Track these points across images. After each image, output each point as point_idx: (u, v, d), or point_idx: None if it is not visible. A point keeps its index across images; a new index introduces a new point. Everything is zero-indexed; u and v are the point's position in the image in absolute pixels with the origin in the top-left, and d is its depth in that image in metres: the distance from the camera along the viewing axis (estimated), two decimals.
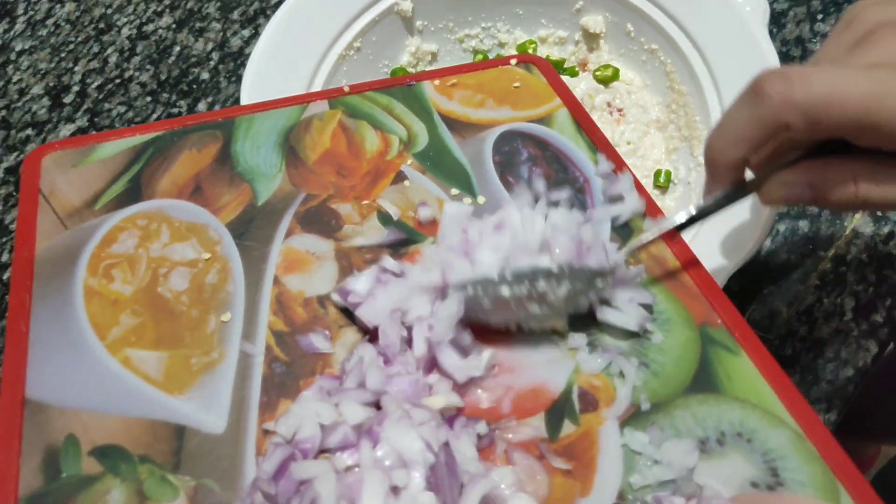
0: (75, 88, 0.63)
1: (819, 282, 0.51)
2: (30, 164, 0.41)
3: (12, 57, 0.65)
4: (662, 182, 0.55)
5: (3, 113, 0.63)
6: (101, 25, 0.65)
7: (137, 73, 0.63)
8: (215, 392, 0.33)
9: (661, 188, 0.55)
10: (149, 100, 0.61)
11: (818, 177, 0.34)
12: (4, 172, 0.60)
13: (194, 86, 0.61)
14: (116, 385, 0.33)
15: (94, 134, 0.50)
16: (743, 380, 0.34)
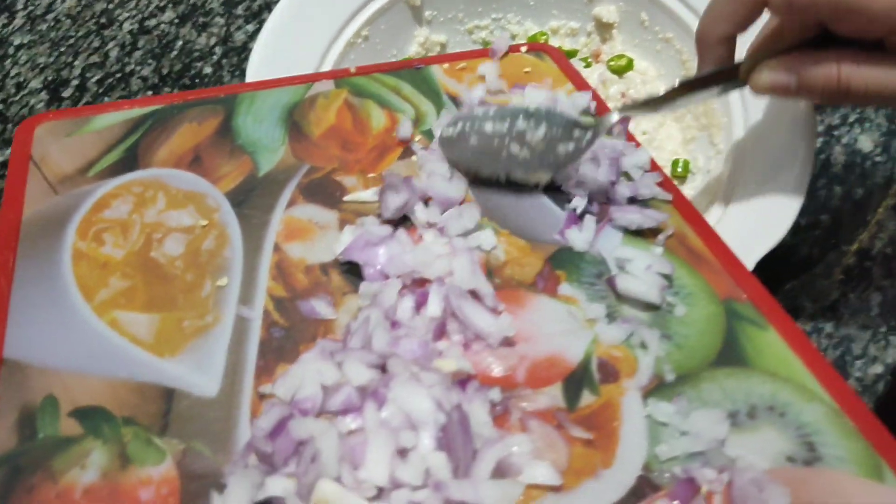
0: (74, 82, 0.62)
1: (844, 276, 0.49)
2: (22, 132, 0.40)
3: (10, 51, 0.64)
4: (680, 171, 0.53)
5: (0, 107, 0.61)
6: (103, 20, 0.64)
7: (139, 68, 0.61)
8: (208, 355, 0.30)
9: (680, 178, 0.53)
10: (150, 94, 0.59)
11: (803, 62, 0.37)
12: (1, 167, 0.59)
13: (197, 80, 0.60)
14: (102, 346, 0.30)
15: (90, 106, 0.49)
16: (773, 355, 0.31)
